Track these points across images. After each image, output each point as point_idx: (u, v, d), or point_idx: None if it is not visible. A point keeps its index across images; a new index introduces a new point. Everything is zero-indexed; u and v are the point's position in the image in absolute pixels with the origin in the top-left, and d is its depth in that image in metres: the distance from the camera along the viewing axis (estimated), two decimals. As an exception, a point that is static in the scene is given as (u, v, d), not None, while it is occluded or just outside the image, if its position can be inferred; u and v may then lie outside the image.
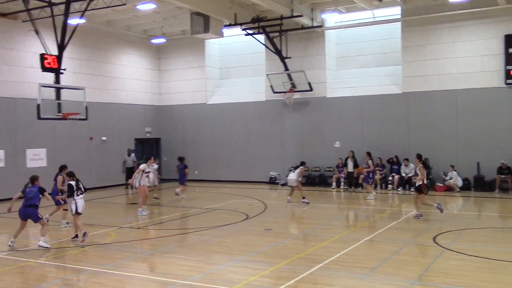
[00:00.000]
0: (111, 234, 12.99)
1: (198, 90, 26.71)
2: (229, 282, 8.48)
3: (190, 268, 9.48)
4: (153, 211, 16.98)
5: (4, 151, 19.71)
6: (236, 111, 25.54)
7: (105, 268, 9.52)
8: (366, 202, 18.08)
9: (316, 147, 23.42)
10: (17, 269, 9.75)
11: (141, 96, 26.58)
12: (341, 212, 17.12)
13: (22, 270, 9.71)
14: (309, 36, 23.52)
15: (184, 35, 26.01)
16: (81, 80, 22.09)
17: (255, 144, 25.02)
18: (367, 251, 10.64)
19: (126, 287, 8.55)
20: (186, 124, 27.00)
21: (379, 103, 22.24)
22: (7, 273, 9.40)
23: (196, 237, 12.51)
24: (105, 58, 24.61)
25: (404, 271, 8.99)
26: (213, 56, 27.17)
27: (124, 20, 23.70)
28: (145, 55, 26.98)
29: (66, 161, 21.46)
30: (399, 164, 21.22)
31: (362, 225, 14.00)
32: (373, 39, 23.56)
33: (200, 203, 18.61)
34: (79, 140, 22.82)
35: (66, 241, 12.16)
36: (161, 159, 27.72)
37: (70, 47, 18.63)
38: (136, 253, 10.78)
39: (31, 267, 9.94)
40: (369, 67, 23.53)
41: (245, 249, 11.07)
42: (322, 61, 23.55)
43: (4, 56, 19.96)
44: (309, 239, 12.39)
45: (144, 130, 26.78)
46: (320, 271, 9.12)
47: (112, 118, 24.65)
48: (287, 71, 23.18)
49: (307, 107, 23.84)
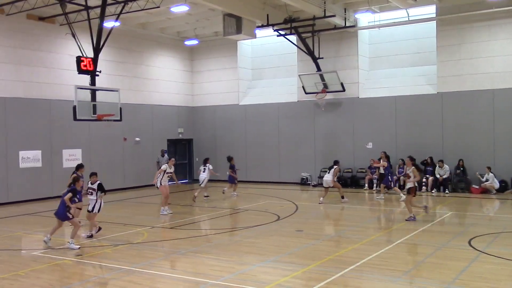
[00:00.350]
0: (144, 233, 13.17)
1: (230, 91, 26.86)
2: (260, 283, 8.49)
3: (221, 268, 9.53)
4: (185, 211, 17.14)
5: (41, 151, 20.24)
6: (268, 112, 25.56)
7: (138, 267, 9.66)
8: (399, 203, 17.82)
9: (348, 148, 23.23)
10: (53, 266, 9.99)
11: (174, 97, 26.89)
12: (374, 213, 16.91)
13: (58, 267, 9.94)
14: (342, 36, 23.35)
15: (217, 36, 26.18)
16: (115, 82, 22.51)
17: (287, 145, 24.97)
18: (400, 254, 10.49)
19: (158, 286, 8.65)
20: (218, 125, 27.17)
21: (413, 103, 21.90)
22: (43, 271, 9.65)
23: (227, 237, 12.57)
24: (139, 60, 25.00)
25: (438, 275, 8.82)
26: (245, 57, 27.26)
27: (158, 22, 24.03)
28: (178, 56, 27.28)
29: (101, 162, 22.10)
30: (433, 166, 20.83)
31: (395, 227, 13.80)
32: (407, 39, 23.22)
33: (232, 203, 18.69)
34: (113, 141, 23.24)
35: (99, 239, 12.38)
36: (193, 160, 28.02)
37: (105, 49, 19.00)
38: (168, 253, 10.90)
39: (67, 265, 10.17)
40: (403, 67, 23.20)
41: (276, 250, 11.06)
42: (355, 61, 23.34)
43: (42, 59, 20.51)
44: (340, 240, 12.29)
45: (177, 131, 27.07)
46: (352, 273, 9.03)
47: (146, 119, 25.01)
48: (319, 72, 23.06)
49: (339, 107, 23.66)
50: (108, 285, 8.85)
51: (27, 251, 11.56)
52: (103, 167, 22.68)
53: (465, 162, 20.39)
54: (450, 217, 15.36)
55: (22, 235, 13.31)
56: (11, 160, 19.22)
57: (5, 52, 19.23)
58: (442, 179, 20.40)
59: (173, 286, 8.66)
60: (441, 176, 20.46)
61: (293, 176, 24.64)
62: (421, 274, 8.91)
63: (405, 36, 23.24)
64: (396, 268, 9.31)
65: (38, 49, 20.41)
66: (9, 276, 9.29)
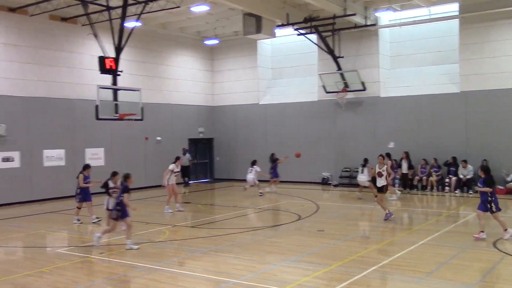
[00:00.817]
0: (165, 232, 13.25)
1: (250, 90, 26.87)
2: (281, 282, 8.47)
3: (243, 268, 9.53)
4: (206, 210, 17.18)
5: (64, 150, 20.51)
6: (288, 111, 25.50)
7: (160, 266, 9.72)
8: (428, 204, 17.63)
9: (370, 148, 23.02)
10: (76, 264, 10.12)
11: (194, 96, 27.00)
12: (396, 214, 16.71)
13: (81, 265, 10.06)
14: (362, 35, 23.17)
15: (237, 35, 26.21)
16: (137, 82, 22.70)
17: (307, 145, 24.88)
18: (423, 255, 10.36)
19: (180, 284, 8.68)
20: (239, 124, 27.21)
21: (436, 102, 21.63)
22: (67, 268, 9.77)
23: (249, 236, 12.57)
24: (160, 59, 25.16)
25: (462, 276, 8.70)
26: (265, 57, 27.25)
27: (178, 22, 24.16)
28: (199, 56, 27.39)
29: (122, 161, 22.30)
30: (456, 166, 20.55)
31: (418, 227, 13.64)
32: (429, 37, 22.94)
33: (253, 203, 18.69)
34: (135, 140, 23.44)
35: (123, 238, 12.49)
36: (213, 159, 28.11)
37: (127, 49, 19.15)
38: (190, 252, 10.94)
39: (90, 262, 10.29)
40: (425, 66, 22.93)
41: (297, 249, 11.03)
42: (376, 60, 23.15)
43: (64, 59, 20.77)
44: (362, 241, 12.20)
45: (197, 130, 27.18)
46: (374, 273, 8.96)
47: (166, 119, 25.17)
48: (340, 71, 22.94)
49: (360, 107, 23.50)
50: (131, 283, 8.92)
51: (51, 249, 11.72)
52: (125, 166, 22.82)
53: (489, 162, 20.04)
54: (474, 218, 15.12)
55: (46, 233, 13.50)
56: (35, 159, 19.51)
57: (28, 53, 19.53)
58: (466, 179, 20.11)
59: (194, 284, 8.69)
60: (465, 177, 20.17)
61: (314, 175, 24.54)
62: (445, 275, 8.79)
63: (427, 34, 22.96)
64: (419, 269, 9.20)
65: (61, 49, 20.68)
66: (34, 273, 9.43)
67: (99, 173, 21.28)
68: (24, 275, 9.26)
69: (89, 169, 15.00)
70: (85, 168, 14.93)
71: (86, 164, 15.51)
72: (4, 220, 15.30)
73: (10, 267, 9.94)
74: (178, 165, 16.96)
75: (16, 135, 18.99)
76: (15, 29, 19.15)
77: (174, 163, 16.87)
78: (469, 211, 16.32)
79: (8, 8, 18.81)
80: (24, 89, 19.37)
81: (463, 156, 20.54)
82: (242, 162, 25.95)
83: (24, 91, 19.35)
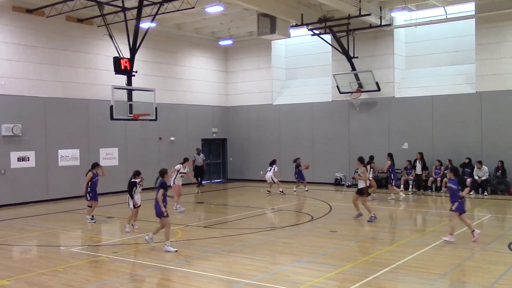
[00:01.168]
0: (178, 232, 13.31)
1: (264, 91, 26.87)
2: (294, 283, 8.46)
3: (255, 268, 9.53)
4: (218, 210, 17.22)
5: (79, 150, 20.70)
6: (302, 111, 25.46)
7: (172, 265, 9.77)
8: (438, 206, 17.48)
9: (384, 149, 22.87)
10: (90, 263, 10.21)
11: (208, 97, 27.09)
12: (410, 215, 16.64)
13: (94, 264, 10.15)
14: (377, 35, 23.05)
15: (251, 36, 26.24)
16: (151, 82, 22.83)
17: (321, 145, 24.82)
18: (437, 257, 10.27)
19: (192, 284, 8.71)
20: (252, 125, 27.23)
21: (451, 103, 21.43)
22: (80, 267, 9.86)
23: (261, 237, 12.57)
24: (174, 60, 25.28)
25: (476, 278, 8.61)
26: (279, 57, 27.23)
27: (192, 23, 24.24)
28: (213, 56, 27.47)
29: (137, 160, 22.42)
30: (471, 167, 20.33)
31: (432, 229, 13.52)
32: (445, 37, 22.73)
33: (265, 203, 18.68)
34: (149, 140, 23.57)
35: (135, 237, 12.57)
36: (227, 159, 28.17)
37: (142, 50, 19.27)
38: (202, 252, 10.96)
39: (103, 261, 10.36)
40: (440, 66, 22.73)
41: (310, 250, 11.00)
42: (391, 61, 23.01)
43: (80, 60, 20.97)
44: (375, 242, 12.13)
45: (211, 131, 27.25)
46: (387, 275, 8.90)
47: (180, 119, 25.28)
48: (354, 71, 22.84)
49: (374, 107, 23.38)
50: (144, 282, 8.97)
51: (65, 248, 11.83)
52: (139, 166, 22.89)
53: (505, 163, 19.81)
54: (489, 220, 14.98)
55: (61, 232, 13.63)
56: (50, 159, 19.72)
57: (45, 53, 19.74)
58: (481, 180, 19.90)
59: (206, 284, 8.71)
60: (480, 178, 19.95)
61: (327, 176, 24.46)
62: (459, 277, 8.71)
63: (442, 34, 22.77)
64: (432, 271, 9.12)
65: (77, 50, 20.88)
66: (48, 271, 9.53)
67: (114, 173, 21.58)
68: (39, 274, 9.36)
69: (98, 167, 15.17)
70: (94, 167, 15.08)
71: (95, 162, 15.66)
72: (19, 219, 15.49)
73: (25, 265, 10.06)
74: (185, 166, 16.97)
75: (32, 135, 19.22)
76: (32, 30, 19.38)
77: (182, 164, 16.91)
78: (484, 212, 16.16)
79: (25, 10, 19.04)
80: (41, 89, 19.59)
81: (478, 157, 20.33)
82: (255, 162, 25.99)
83: (40, 92, 19.57)
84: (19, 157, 18.85)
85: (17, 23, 18.93)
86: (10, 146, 18.58)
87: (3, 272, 9.62)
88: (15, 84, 18.86)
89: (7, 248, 11.92)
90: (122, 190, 19.29)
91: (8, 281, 8.94)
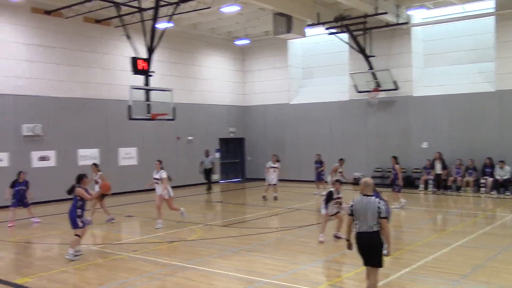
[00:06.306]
0: (197, 231, 13.35)
1: (281, 90, 26.84)
2: (313, 283, 8.43)
3: (274, 267, 9.52)
4: (237, 209, 17.23)
5: (98, 149, 20.89)
6: (319, 111, 25.38)
7: (192, 264, 9.80)
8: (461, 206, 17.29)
9: (402, 148, 22.71)
10: (111, 261, 10.28)
11: (225, 96, 27.14)
12: (430, 215, 16.46)
13: (115, 263, 10.22)
14: (394, 34, 22.87)
15: (267, 35, 26.21)
16: (168, 82, 22.93)
17: (338, 144, 24.71)
18: (458, 257, 10.16)
19: (212, 283, 8.73)
20: (269, 124, 27.21)
21: (470, 101, 21.17)
22: (101, 265, 9.95)
23: (279, 236, 12.55)
24: (191, 60, 25.37)
25: (498, 279, 8.50)
26: (296, 56, 27.18)
27: (209, 22, 24.30)
28: (229, 56, 27.51)
29: (154, 160, 22.45)
30: (492, 167, 20.06)
31: (453, 229, 13.38)
32: (463, 35, 22.44)
33: (283, 202, 18.65)
34: (167, 140, 23.70)
35: (154, 236, 12.64)
36: (244, 159, 28.20)
37: (159, 50, 19.36)
38: (221, 250, 10.99)
39: (124, 260, 10.44)
40: (459, 64, 22.46)
41: (329, 250, 10.96)
42: (408, 59, 22.81)
43: (98, 60, 21.16)
44: (395, 242, 11.96)
45: (228, 130, 27.30)
46: (407, 275, 8.83)
47: (198, 119, 25.37)
48: (372, 70, 22.69)
49: (392, 106, 23.20)
50: (163, 281, 9.01)
51: (86, 246, 11.93)
52: (157, 166, 23.13)
53: (526, 162, 19.54)
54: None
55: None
56: (70, 158, 19.92)
57: (63, 54, 19.95)
58: (503, 180, 19.63)
59: (226, 283, 8.72)
60: (502, 178, 19.68)
61: (345, 175, 24.26)
62: (480, 278, 8.60)
63: (461, 32, 22.48)
64: (453, 271, 9.02)
65: (94, 50, 21.07)
66: (70, 269, 9.65)
67: (132, 172, 21.76)
68: (60, 271, 9.47)
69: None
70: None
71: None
72: (41, 218, 15.65)
73: (47, 263, 10.18)
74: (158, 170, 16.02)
75: (52, 135, 19.44)
76: (51, 31, 19.60)
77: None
78: (507, 212, 15.94)
79: (43, 11, 19.26)
80: (60, 89, 19.81)
81: (497, 156, 20.06)
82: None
83: (59, 92, 19.79)
84: (40, 156, 19.09)
85: (36, 24, 19.16)
86: (31, 146, 18.83)
87: (25, 269, 9.76)
88: (35, 84, 19.10)
89: (29, 246, 12.08)
90: (141, 189, 19.50)
91: (30, 278, 9.06)
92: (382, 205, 7.13)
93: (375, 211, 7.06)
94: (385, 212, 7.14)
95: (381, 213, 7.07)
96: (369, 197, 7.22)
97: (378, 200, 7.21)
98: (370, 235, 7.08)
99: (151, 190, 15.36)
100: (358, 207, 7.20)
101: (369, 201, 7.16)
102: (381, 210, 7.06)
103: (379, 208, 7.07)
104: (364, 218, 7.11)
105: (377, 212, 7.06)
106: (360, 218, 7.15)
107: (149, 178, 14.72)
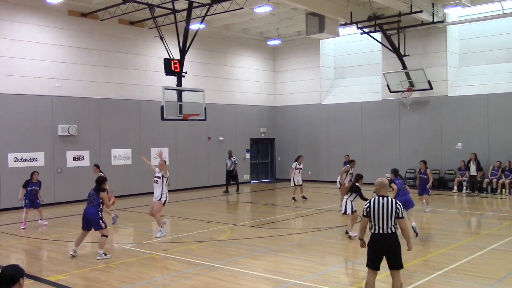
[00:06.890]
0: (227, 231, 13.41)
1: (312, 90, 26.71)
2: (342, 285, 8.36)
3: (303, 268, 9.48)
4: (266, 210, 17.23)
5: (131, 149, 21.22)
6: (351, 111, 25.15)
7: (221, 264, 9.85)
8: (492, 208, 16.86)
9: (436, 149, 22.29)
10: (141, 260, 10.42)
11: (256, 97, 27.19)
12: (463, 217, 16.11)
13: (146, 261, 10.36)
14: (429, 32, 22.46)
15: (299, 36, 26.15)
16: (200, 83, 23.14)
17: (371, 145, 24.43)
18: (492, 261, 9.90)
19: (240, 283, 8.75)
20: (301, 125, 27.12)
21: (508, 101, 20.62)
22: (132, 264, 10.09)
23: (309, 237, 12.50)
24: (223, 61, 25.52)
25: (535, 285, 8.24)
26: (328, 56, 27.00)
27: (241, 23, 24.39)
28: (261, 56, 27.55)
29: (186, 160, 22.81)
30: (530, 168, 19.50)
31: (487, 232, 13.06)
32: (502, 33, 21.88)
33: (314, 203, 18.56)
34: (198, 140, 23.89)
35: (186, 235, 12.75)
36: (275, 159, 28.17)
37: (191, 51, 19.54)
38: (250, 251, 11.01)
39: (154, 259, 10.58)
40: (497, 63, 21.90)
41: (358, 251, 10.81)
42: (443, 58, 22.37)
43: (132, 61, 21.50)
44: (427, 244, 11.81)
45: (259, 131, 27.34)
46: (439, 278, 8.65)
47: (229, 119, 25.50)
48: (405, 70, 22.35)
49: (426, 106, 22.79)
50: (192, 280, 9.07)
51: (118, 245, 12.14)
52: (189, 166, 23.43)
53: None
54: (549, 223, 14.32)
55: (114, 229, 13.97)
56: (104, 158, 20.29)
57: (99, 56, 20.36)
58: (540, 182, 19.06)
59: (254, 283, 8.73)
60: (540, 179, 19.12)
61: (377, 176, 23.73)
62: (516, 283, 8.36)
63: (499, 30, 21.93)
64: (487, 275, 8.80)
65: (129, 52, 21.42)
66: (102, 267, 9.82)
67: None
68: (92, 270, 9.66)
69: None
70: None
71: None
72: (75, 216, 15.98)
73: (80, 261, 10.39)
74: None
75: (86, 135, 19.85)
76: (87, 33, 20.03)
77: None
78: (544, 216, 15.45)
79: (80, 14, 19.70)
80: (94, 90, 20.21)
81: (537, 158, 19.47)
82: (304, 162, 25.79)
83: (94, 93, 20.19)
84: (75, 156, 19.52)
85: (72, 26, 19.60)
86: (66, 145, 19.27)
87: (59, 267, 9.99)
88: (71, 85, 19.54)
89: (63, 244, 12.35)
90: (170, 189, 19.68)
91: (64, 275, 9.27)
92: (400, 206, 7.03)
93: (393, 212, 6.96)
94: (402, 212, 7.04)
95: (399, 214, 6.96)
96: (385, 198, 7.12)
97: (395, 201, 7.10)
98: (389, 236, 6.98)
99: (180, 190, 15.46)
100: (375, 209, 7.09)
101: (386, 202, 7.06)
102: (399, 211, 6.96)
103: (398, 209, 6.97)
104: (381, 219, 7.01)
105: (395, 212, 6.96)
106: (377, 220, 7.05)
107: (181, 178, 14.83)
